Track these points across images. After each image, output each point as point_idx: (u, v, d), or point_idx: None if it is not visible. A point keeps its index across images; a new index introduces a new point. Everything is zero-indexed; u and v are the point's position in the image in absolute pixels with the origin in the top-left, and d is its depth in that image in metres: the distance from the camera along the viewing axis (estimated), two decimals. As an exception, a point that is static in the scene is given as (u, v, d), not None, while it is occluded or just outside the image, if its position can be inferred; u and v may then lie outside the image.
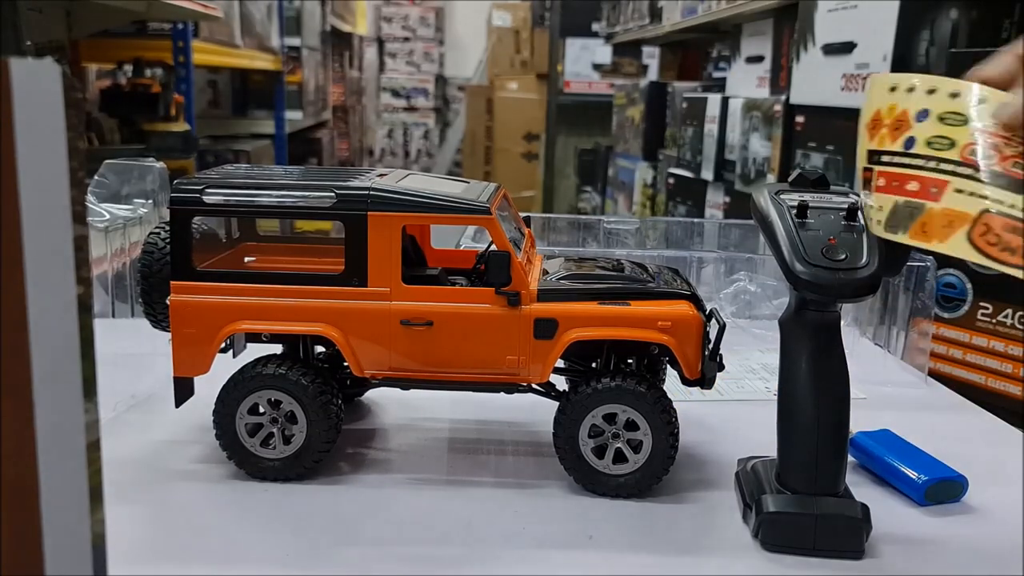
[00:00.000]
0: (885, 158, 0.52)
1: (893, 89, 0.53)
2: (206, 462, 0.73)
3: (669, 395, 0.69)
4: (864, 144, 0.55)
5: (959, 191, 0.47)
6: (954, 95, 0.51)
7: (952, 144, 0.49)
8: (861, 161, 0.56)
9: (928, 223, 0.48)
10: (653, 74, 4.19)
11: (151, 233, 0.74)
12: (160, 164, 1.35)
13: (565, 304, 0.68)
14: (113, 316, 1.19)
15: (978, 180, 0.47)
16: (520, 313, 0.67)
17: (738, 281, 1.09)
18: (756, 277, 1.09)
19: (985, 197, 0.46)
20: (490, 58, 5.82)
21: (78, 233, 0.36)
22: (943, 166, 0.49)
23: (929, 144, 0.50)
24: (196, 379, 0.71)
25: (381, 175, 0.72)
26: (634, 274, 0.72)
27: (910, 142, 0.51)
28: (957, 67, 1.19)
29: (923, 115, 0.51)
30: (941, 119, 0.50)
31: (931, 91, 0.52)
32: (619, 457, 0.68)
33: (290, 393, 0.69)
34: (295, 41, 4.13)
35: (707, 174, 2.46)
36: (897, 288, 1.01)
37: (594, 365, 0.74)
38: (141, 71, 2.67)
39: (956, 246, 0.46)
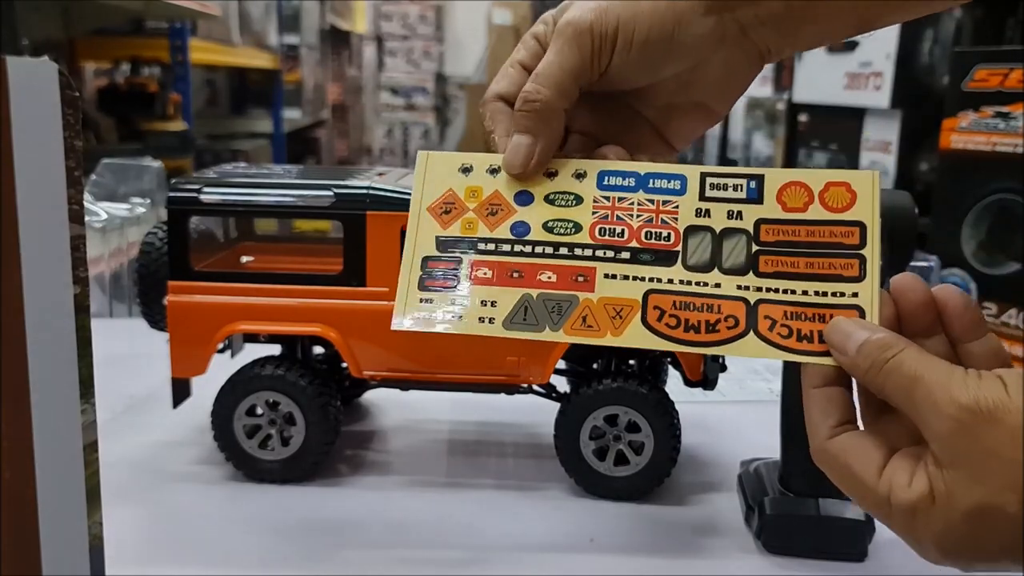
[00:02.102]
0: (483, 246, 0.45)
1: (467, 170, 0.48)
2: (204, 463, 0.73)
3: (671, 396, 0.69)
4: (428, 230, 0.46)
5: (609, 276, 0.43)
6: (549, 174, 0.46)
7: (577, 227, 0.45)
8: (417, 251, 0.46)
9: (591, 316, 0.43)
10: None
11: (149, 233, 0.73)
12: (157, 163, 1.35)
13: (566, 304, 0.67)
14: (111, 316, 1.19)
15: (623, 262, 0.44)
16: (521, 313, 0.67)
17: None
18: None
19: (642, 278, 0.43)
20: (490, 56, 5.82)
21: (75, 233, 0.35)
22: (577, 251, 0.44)
23: (549, 229, 0.45)
24: (194, 380, 0.71)
25: (380, 174, 0.71)
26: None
27: (522, 228, 0.45)
28: (961, 66, 1.20)
29: (526, 197, 0.46)
30: (548, 200, 0.46)
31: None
32: (620, 459, 0.68)
33: (288, 394, 0.69)
34: (293, 39, 4.13)
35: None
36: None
37: (595, 366, 0.73)
38: (138, 70, 2.67)
39: (636, 336, 0.42)
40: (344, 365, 0.73)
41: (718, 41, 0.45)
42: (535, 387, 0.72)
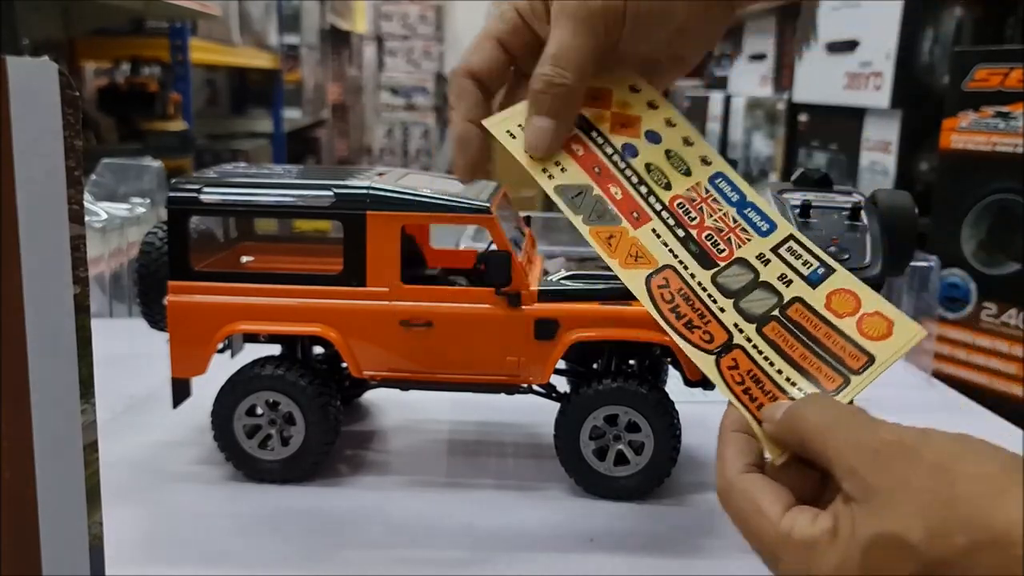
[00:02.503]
0: (594, 135, 0.50)
1: (635, 88, 0.51)
2: (204, 463, 0.73)
3: (671, 396, 0.69)
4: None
5: (656, 233, 0.47)
6: (687, 142, 0.50)
7: (668, 186, 0.48)
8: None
9: (616, 240, 0.47)
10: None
11: (149, 233, 0.73)
12: (157, 163, 1.35)
13: (566, 305, 0.67)
14: (111, 316, 1.19)
15: (675, 235, 0.47)
16: (520, 314, 0.67)
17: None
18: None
19: (675, 255, 0.46)
20: (489, 57, 5.81)
21: (75, 233, 0.35)
22: (651, 200, 0.48)
23: (648, 170, 0.49)
24: (194, 380, 0.71)
25: (380, 174, 0.71)
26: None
27: (631, 151, 0.49)
28: (961, 65, 1.20)
29: (655, 137, 0.50)
30: (668, 154, 0.49)
31: (669, 122, 0.51)
32: (620, 459, 0.68)
33: (288, 394, 0.69)
34: (294, 39, 4.13)
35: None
36: (901, 288, 1.00)
37: (595, 366, 0.73)
38: (139, 70, 2.67)
39: (632, 281, 0.46)
40: (344, 365, 0.73)
41: (703, 3, 0.47)
42: (535, 387, 0.72)
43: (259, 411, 0.70)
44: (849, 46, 1.65)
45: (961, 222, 1.21)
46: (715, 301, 0.45)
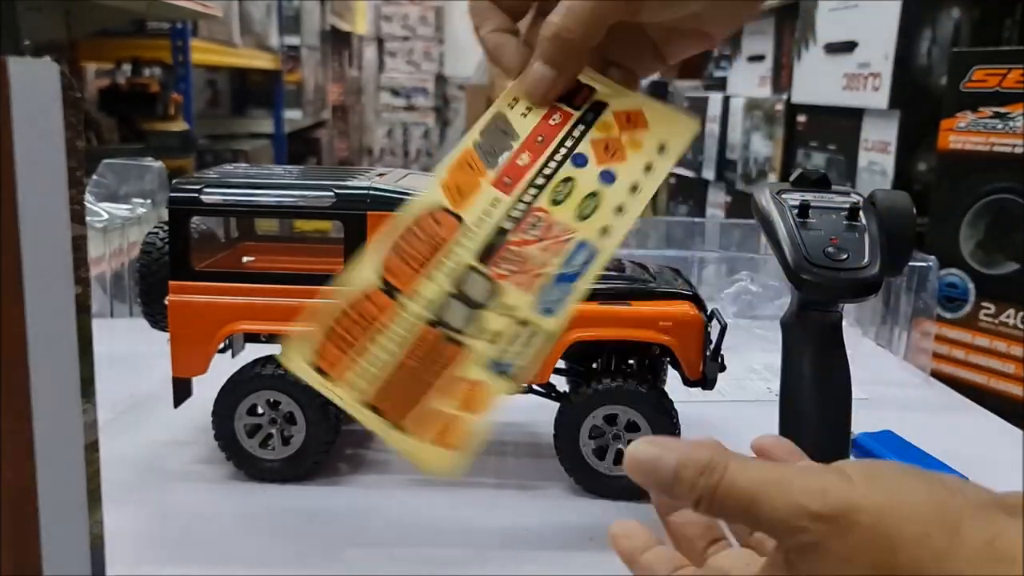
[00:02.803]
0: (581, 125, 0.48)
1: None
2: (205, 463, 0.73)
3: (670, 396, 0.69)
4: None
5: (493, 204, 0.46)
6: (632, 189, 0.47)
7: (556, 203, 0.46)
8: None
9: (469, 172, 0.46)
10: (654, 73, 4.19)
11: (150, 233, 0.74)
12: (158, 163, 1.35)
13: (566, 304, 0.67)
14: (111, 316, 1.19)
15: (496, 222, 0.45)
16: (520, 313, 0.67)
17: (739, 281, 1.09)
18: (758, 277, 1.09)
19: (477, 228, 0.45)
20: (490, 57, 5.80)
21: (76, 233, 0.36)
22: (528, 191, 0.46)
23: (565, 182, 0.47)
24: (195, 380, 0.71)
25: (380, 174, 0.71)
26: (635, 274, 0.72)
27: (581, 160, 0.47)
28: (959, 66, 1.20)
29: (610, 177, 0.47)
30: (593, 195, 0.46)
31: (648, 167, 0.47)
32: (620, 458, 0.68)
33: (289, 394, 0.69)
34: (294, 40, 4.13)
35: (708, 174, 2.46)
36: (899, 288, 1.00)
37: (595, 366, 0.73)
38: (140, 70, 2.67)
39: (428, 197, 0.46)
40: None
41: None
42: (535, 387, 0.72)
43: (260, 410, 0.70)
44: (847, 47, 1.65)
45: (959, 222, 1.21)
46: (444, 275, 0.44)
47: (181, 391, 0.71)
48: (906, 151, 1.52)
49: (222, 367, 0.71)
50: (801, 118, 1.89)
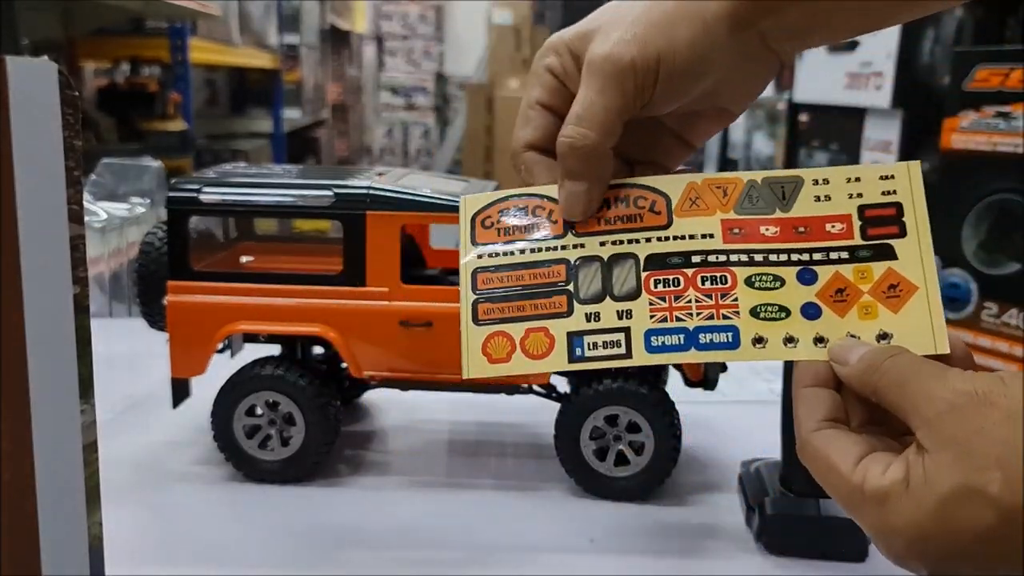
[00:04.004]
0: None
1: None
2: (203, 464, 0.73)
3: (671, 396, 0.69)
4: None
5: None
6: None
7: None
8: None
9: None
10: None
11: (148, 233, 0.73)
12: (157, 163, 1.35)
13: (566, 305, 0.67)
14: (110, 316, 1.19)
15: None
16: (521, 314, 0.67)
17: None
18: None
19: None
20: (490, 56, 5.81)
21: (75, 233, 0.35)
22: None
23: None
24: (193, 380, 0.71)
25: (380, 174, 0.71)
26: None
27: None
28: (961, 65, 1.19)
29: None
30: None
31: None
32: (621, 459, 0.68)
33: (288, 395, 0.69)
34: (293, 39, 4.13)
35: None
36: (900, 288, 1.00)
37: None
38: (138, 70, 2.67)
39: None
40: (344, 365, 0.73)
41: (742, 55, 0.44)
42: (535, 387, 0.72)
43: (259, 411, 0.69)
44: (850, 46, 1.65)
45: (962, 222, 1.20)
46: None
47: (180, 391, 0.70)
48: (908, 150, 1.52)
49: (221, 367, 0.71)
50: (803, 117, 1.89)
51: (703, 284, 0.43)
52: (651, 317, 0.43)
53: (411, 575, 0.59)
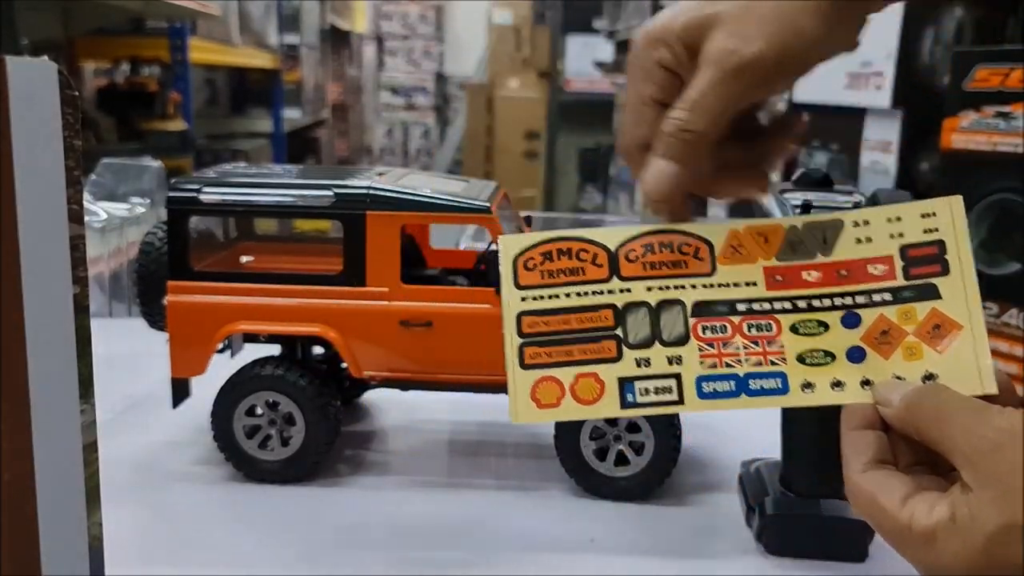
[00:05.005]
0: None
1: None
2: (204, 464, 0.73)
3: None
4: None
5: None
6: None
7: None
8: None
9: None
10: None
11: (148, 233, 0.73)
12: (157, 163, 1.35)
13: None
14: (110, 316, 1.19)
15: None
16: (521, 313, 0.67)
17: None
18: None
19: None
20: (490, 56, 5.81)
21: (74, 233, 0.35)
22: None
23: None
24: (193, 380, 0.71)
25: (380, 174, 0.71)
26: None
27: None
28: (961, 65, 1.19)
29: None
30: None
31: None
32: (621, 459, 0.68)
33: (288, 394, 0.68)
34: (293, 39, 4.13)
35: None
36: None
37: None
38: (138, 69, 2.67)
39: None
40: (344, 365, 0.73)
41: (847, 29, 0.44)
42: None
43: (259, 411, 0.69)
44: (849, 46, 1.65)
45: (961, 222, 1.20)
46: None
47: (180, 391, 0.70)
48: (908, 150, 1.52)
49: (221, 367, 0.70)
50: (803, 117, 1.89)
51: (749, 331, 0.44)
52: (701, 363, 0.43)
53: (411, 574, 0.59)
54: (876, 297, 0.43)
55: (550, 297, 0.45)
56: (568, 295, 0.45)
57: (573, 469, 0.69)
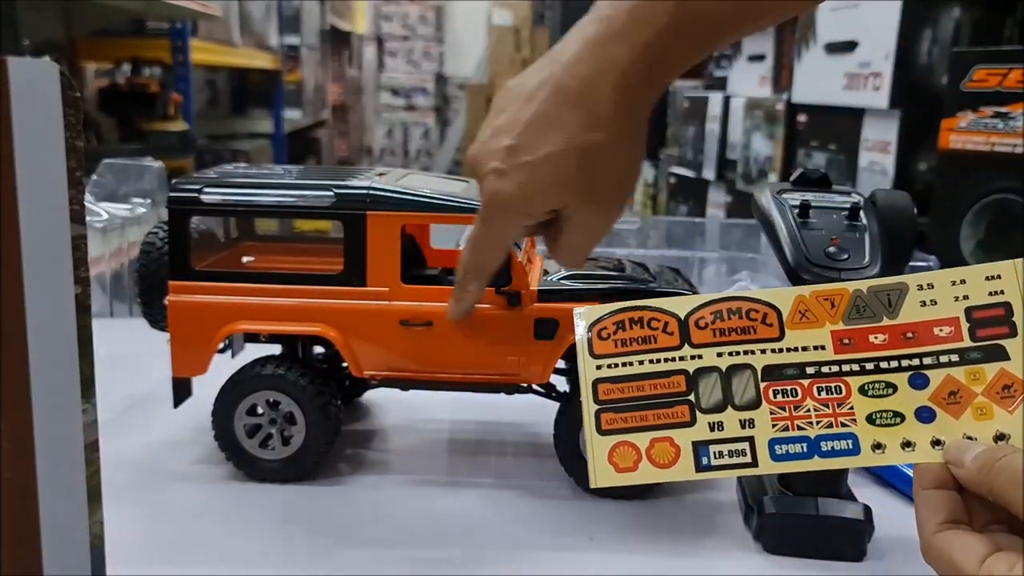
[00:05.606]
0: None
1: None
2: (205, 463, 0.73)
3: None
4: None
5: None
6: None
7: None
8: None
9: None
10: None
11: (149, 233, 0.74)
12: (158, 163, 1.35)
13: (566, 304, 0.67)
14: (111, 316, 1.19)
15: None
16: (520, 313, 0.67)
17: (740, 281, 1.09)
18: (758, 277, 1.09)
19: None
20: (490, 57, 5.81)
21: (76, 233, 0.36)
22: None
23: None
24: (194, 380, 0.71)
25: (380, 174, 0.71)
26: (635, 274, 0.72)
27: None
28: (959, 66, 1.20)
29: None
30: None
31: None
32: (620, 458, 0.68)
33: (289, 394, 0.69)
34: (294, 40, 4.13)
35: (709, 173, 2.46)
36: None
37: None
38: (139, 70, 2.67)
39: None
40: (344, 365, 0.73)
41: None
42: (535, 387, 0.72)
43: (260, 410, 0.70)
44: (848, 47, 1.65)
45: (960, 222, 1.20)
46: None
47: (181, 391, 0.71)
48: (907, 151, 1.52)
49: (222, 367, 0.71)
50: (802, 118, 1.89)
51: (819, 394, 0.45)
52: (773, 426, 0.44)
53: (411, 574, 0.60)
54: (943, 358, 0.44)
55: (624, 364, 0.46)
56: (641, 362, 0.46)
57: (573, 468, 0.69)
